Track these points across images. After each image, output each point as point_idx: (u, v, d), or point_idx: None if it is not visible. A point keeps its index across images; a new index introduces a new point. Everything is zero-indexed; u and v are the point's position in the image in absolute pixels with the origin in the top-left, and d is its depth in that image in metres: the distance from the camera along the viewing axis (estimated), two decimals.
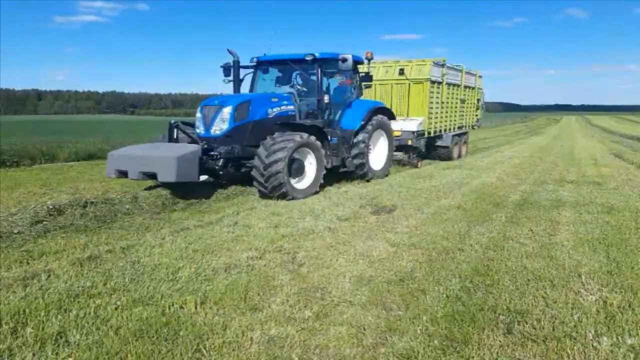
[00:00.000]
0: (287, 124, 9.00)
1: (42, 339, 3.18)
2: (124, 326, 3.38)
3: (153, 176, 7.48)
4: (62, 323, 3.41)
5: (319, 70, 9.77)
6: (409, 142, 13.44)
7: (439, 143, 15.71)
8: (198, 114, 8.95)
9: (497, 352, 3.15)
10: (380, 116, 11.08)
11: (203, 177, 8.89)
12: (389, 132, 11.63)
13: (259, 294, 4.03)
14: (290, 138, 8.33)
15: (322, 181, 9.00)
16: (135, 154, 7.92)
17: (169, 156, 7.39)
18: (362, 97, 11.43)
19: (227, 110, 8.58)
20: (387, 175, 11.47)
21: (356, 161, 10.30)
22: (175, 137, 8.84)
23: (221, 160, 8.30)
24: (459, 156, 16.91)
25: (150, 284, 4.17)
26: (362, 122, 10.33)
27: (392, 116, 11.89)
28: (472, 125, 19.26)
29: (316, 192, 8.87)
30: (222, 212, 7.28)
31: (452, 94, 16.04)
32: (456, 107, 16.63)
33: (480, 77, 19.26)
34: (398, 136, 13.21)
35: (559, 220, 6.82)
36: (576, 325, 3.49)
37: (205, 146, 8.39)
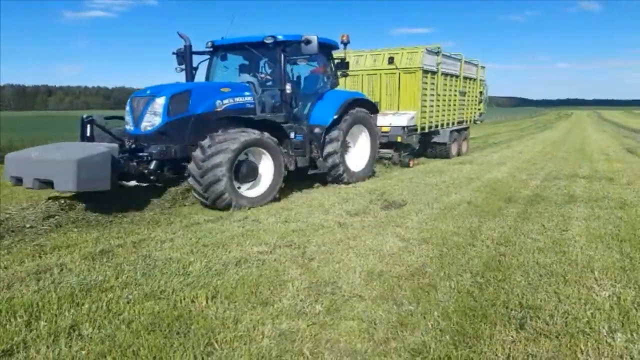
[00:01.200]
0: (237, 118, 7.67)
1: (56, 332, 3.20)
2: (136, 320, 3.40)
3: (51, 184, 6.13)
4: (74, 316, 3.43)
5: (282, 55, 8.36)
6: (399, 139, 12.24)
7: (435, 139, 14.57)
8: (127, 107, 7.56)
9: (510, 348, 3.13)
10: (358, 109, 9.74)
11: (132, 183, 7.59)
12: (371, 127, 10.27)
13: (269, 289, 4.03)
14: (235, 137, 7.01)
15: (282, 185, 7.79)
16: (30, 157, 6.47)
17: (68, 159, 5.96)
18: (339, 88, 10.15)
19: (159, 102, 7.20)
20: (371, 177, 10.31)
21: (329, 162, 9.09)
22: (89, 134, 7.21)
23: (153, 163, 7.01)
24: (459, 154, 15.73)
25: (161, 278, 4.19)
26: (335, 117, 9.02)
27: (374, 109, 10.49)
28: (475, 120, 18.03)
29: (275, 199, 7.67)
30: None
31: (450, 85, 14.82)
32: (455, 100, 15.39)
33: (482, 67, 17.92)
34: (387, 132, 12.19)
35: (571, 215, 6.76)
36: (589, 321, 3.46)
37: (133, 146, 7.05)
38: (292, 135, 8.47)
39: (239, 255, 4.88)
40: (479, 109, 18.28)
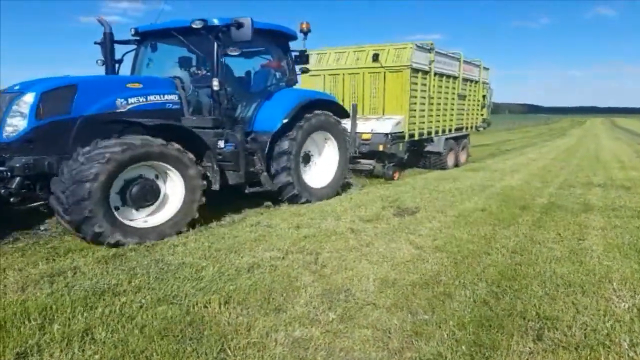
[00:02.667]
0: (137, 122, 5.94)
1: (69, 335, 3.20)
2: (148, 325, 3.38)
3: None
4: (88, 320, 3.43)
5: (215, 44, 6.69)
6: (381, 148, 10.72)
7: (429, 148, 13.11)
8: None
9: (527, 359, 3.07)
10: (320, 113, 8.12)
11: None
12: (338, 135, 8.68)
13: (282, 295, 4.00)
14: (107, 150, 5.28)
15: (195, 215, 6.10)
16: None
17: None
18: (298, 87, 8.68)
19: (26, 101, 5.58)
20: (339, 194, 8.77)
21: (280, 180, 7.54)
22: None
23: (15, 180, 5.36)
24: (457, 164, 14.28)
25: (174, 283, 4.17)
26: (285, 121, 7.41)
27: (342, 113, 8.94)
28: (477, 127, 16.59)
29: (190, 227, 6.04)
30: (244, 211, 7.29)
31: (446, 87, 13.33)
32: (452, 104, 13.90)
33: (486, 69, 16.37)
34: (367, 140, 10.75)
35: (587, 224, 6.65)
36: (609, 334, 3.38)
37: None
38: (220, 144, 6.79)
39: (252, 260, 4.85)
40: (482, 115, 16.81)
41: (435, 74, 12.44)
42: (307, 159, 8.40)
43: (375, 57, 11.42)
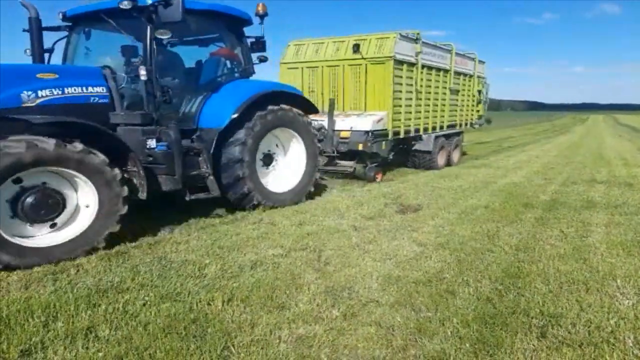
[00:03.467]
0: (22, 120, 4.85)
1: (73, 333, 3.20)
2: (152, 322, 3.39)
3: None
4: (91, 318, 3.43)
5: (148, 27, 5.82)
6: (360, 147, 9.83)
7: (417, 147, 12.25)
8: None
9: (531, 357, 3.06)
10: (277, 108, 7.10)
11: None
12: (304, 132, 7.67)
13: (285, 292, 4.00)
14: None
15: (115, 229, 5.16)
16: None
17: None
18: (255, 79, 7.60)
19: None
20: (307, 198, 7.85)
21: (235, 191, 6.75)
22: None
23: None
24: (449, 164, 13.44)
25: (177, 280, 4.18)
26: (235, 116, 6.46)
27: (309, 107, 8.00)
28: (472, 124, 15.77)
29: (98, 247, 5.02)
30: (246, 209, 7.27)
31: (436, 81, 12.49)
32: (443, 100, 13.06)
33: (481, 62, 15.49)
34: (346, 138, 9.90)
35: (590, 221, 6.63)
36: (614, 331, 3.37)
37: None
38: (150, 144, 5.87)
39: (254, 258, 4.85)
40: (478, 111, 15.98)
41: (423, 66, 11.58)
42: (269, 159, 7.53)
43: (356, 48, 10.58)
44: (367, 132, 9.87)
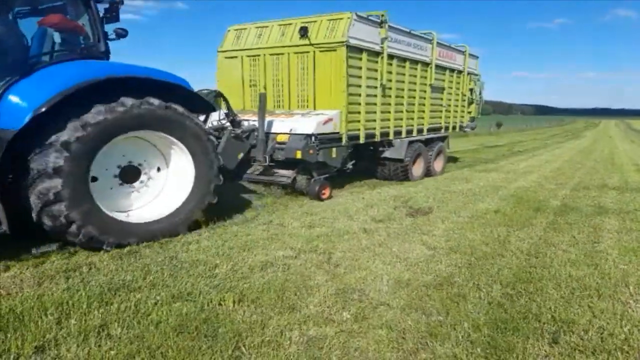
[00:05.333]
0: None
1: (85, 330, 3.23)
2: (164, 321, 3.40)
3: None
4: (104, 316, 3.46)
5: None
6: (299, 155, 7.69)
7: (387, 154, 10.14)
8: None
9: None
10: (146, 101, 5.16)
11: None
12: (193, 139, 5.72)
13: (296, 294, 4.00)
14: None
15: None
16: None
17: None
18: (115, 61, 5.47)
19: None
20: (192, 227, 5.89)
21: (47, 222, 4.68)
22: None
23: None
24: (429, 173, 11.45)
25: (188, 280, 4.20)
26: (39, 112, 4.47)
27: (199, 104, 6.10)
28: (463, 127, 13.76)
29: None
30: (256, 210, 7.29)
31: (411, 75, 10.34)
32: (422, 98, 10.97)
33: (474, 57, 13.51)
34: (283, 143, 7.93)
35: (602, 227, 6.58)
36: (627, 338, 3.34)
37: None
38: None
39: (265, 259, 4.86)
40: (469, 112, 13.98)
41: (392, 56, 9.44)
42: (133, 174, 5.58)
43: (303, 32, 8.50)
44: (308, 135, 7.82)
